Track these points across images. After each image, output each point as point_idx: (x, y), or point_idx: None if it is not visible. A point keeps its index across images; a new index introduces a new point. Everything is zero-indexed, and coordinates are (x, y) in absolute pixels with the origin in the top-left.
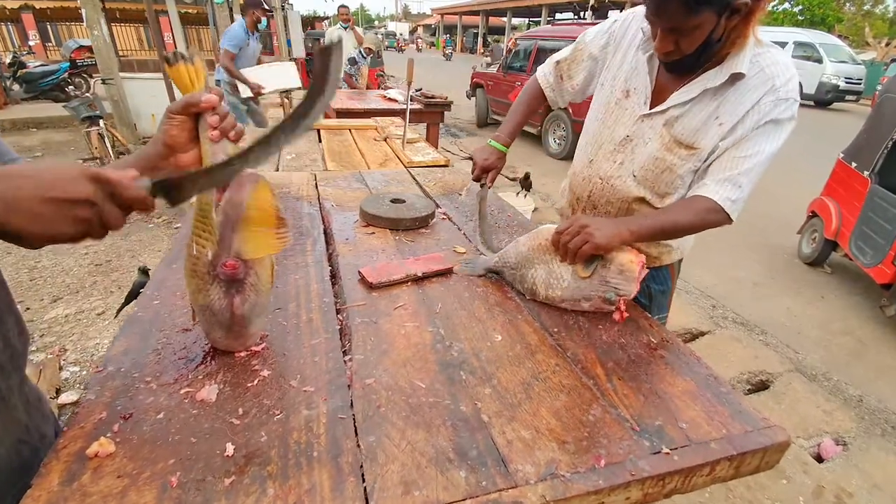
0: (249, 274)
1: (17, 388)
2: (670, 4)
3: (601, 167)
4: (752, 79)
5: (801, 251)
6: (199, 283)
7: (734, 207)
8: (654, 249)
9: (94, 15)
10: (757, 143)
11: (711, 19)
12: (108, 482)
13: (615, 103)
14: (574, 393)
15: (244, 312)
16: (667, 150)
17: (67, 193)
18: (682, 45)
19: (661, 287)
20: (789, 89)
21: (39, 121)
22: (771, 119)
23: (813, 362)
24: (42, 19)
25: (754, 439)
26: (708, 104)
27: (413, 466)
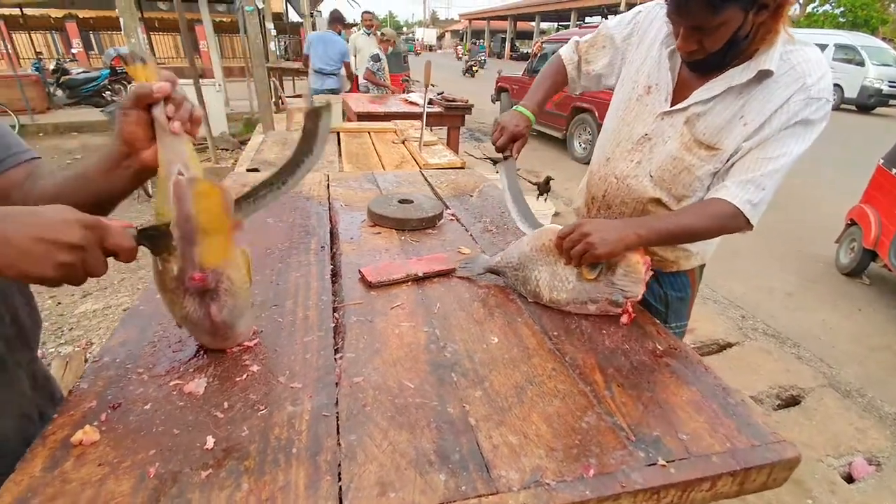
0: (221, 280)
1: (26, 365)
2: (693, 3)
3: (617, 166)
4: (782, 77)
5: (838, 261)
6: (172, 296)
7: (754, 212)
8: (670, 254)
9: (132, 24)
10: (784, 144)
11: (737, 16)
12: (88, 470)
13: (636, 100)
14: (569, 399)
15: (223, 318)
16: (686, 150)
17: (59, 236)
18: (706, 43)
19: (680, 294)
20: (821, 88)
21: (80, 125)
22: (801, 119)
23: (847, 378)
24: (85, 28)
25: (761, 454)
26: (732, 102)
27: (392, 467)
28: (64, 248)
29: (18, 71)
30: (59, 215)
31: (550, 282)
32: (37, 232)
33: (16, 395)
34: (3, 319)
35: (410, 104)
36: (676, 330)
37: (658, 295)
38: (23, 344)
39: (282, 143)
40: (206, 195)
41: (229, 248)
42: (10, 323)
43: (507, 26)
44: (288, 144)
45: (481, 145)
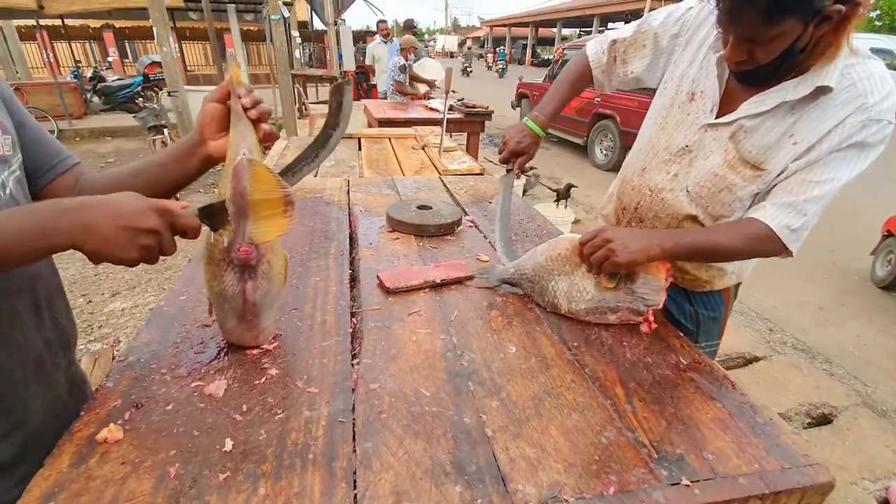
0: (262, 261)
1: (65, 368)
2: (747, 12)
3: (653, 178)
4: (840, 93)
5: (874, 274)
6: (215, 269)
7: (793, 237)
8: (704, 273)
9: (164, 33)
10: (834, 168)
11: (795, 28)
12: (112, 467)
13: (678, 107)
14: (588, 412)
15: (255, 299)
16: (729, 168)
17: (140, 223)
18: (757, 55)
19: (713, 313)
20: (884, 109)
21: (114, 130)
22: (855, 142)
23: (884, 396)
24: (121, 37)
25: (791, 478)
26: (783, 119)
27: (407, 477)
28: (143, 233)
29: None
30: (135, 203)
31: (569, 292)
32: (118, 220)
33: (52, 398)
34: (45, 323)
35: (431, 110)
36: (707, 349)
37: (689, 313)
38: (62, 347)
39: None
40: (262, 176)
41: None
42: (51, 327)
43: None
44: None
45: None
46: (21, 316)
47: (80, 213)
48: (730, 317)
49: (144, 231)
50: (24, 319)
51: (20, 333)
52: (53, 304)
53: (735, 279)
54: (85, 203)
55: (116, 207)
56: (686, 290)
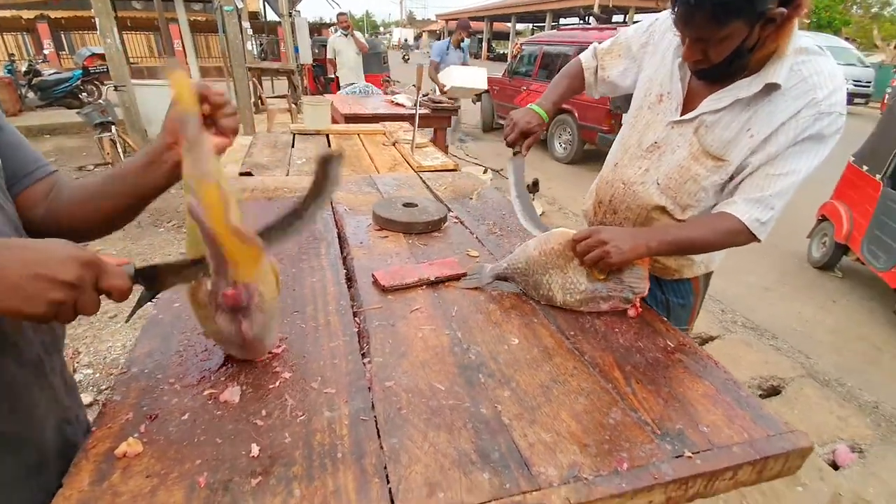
0: (253, 297)
1: (59, 371)
2: (697, 15)
3: (625, 172)
4: (792, 89)
5: (810, 255)
6: (204, 312)
7: (762, 229)
8: (672, 262)
9: (108, 23)
10: (794, 160)
11: (742, 30)
12: (137, 482)
13: (647, 108)
14: (593, 396)
15: (255, 334)
16: (694, 160)
17: (56, 273)
18: (710, 54)
19: (682, 301)
20: (833, 102)
21: (53, 127)
22: (811, 135)
23: (825, 367)
24: (56, 28)
25: (777, 444)
26: (740, 114)
27: (436, 468)
28: (58, 285)
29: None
30: (57, 252)
31: (563, 285)
32: (32, 268)
33: (54, 402)
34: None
35: (397, 105)
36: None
37: (660, 300)
38: (56, 349)
39: (272, 146)
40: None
41: (260, 261)
42: (46, 329)
43: (484, 27)
44: (278, 147)
45: (464, 146)
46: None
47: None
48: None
49: (59, 283)
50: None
51: (22, 337)
52: None
53: (703, 268)
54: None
55: (33, 252)
56: (657, 279)
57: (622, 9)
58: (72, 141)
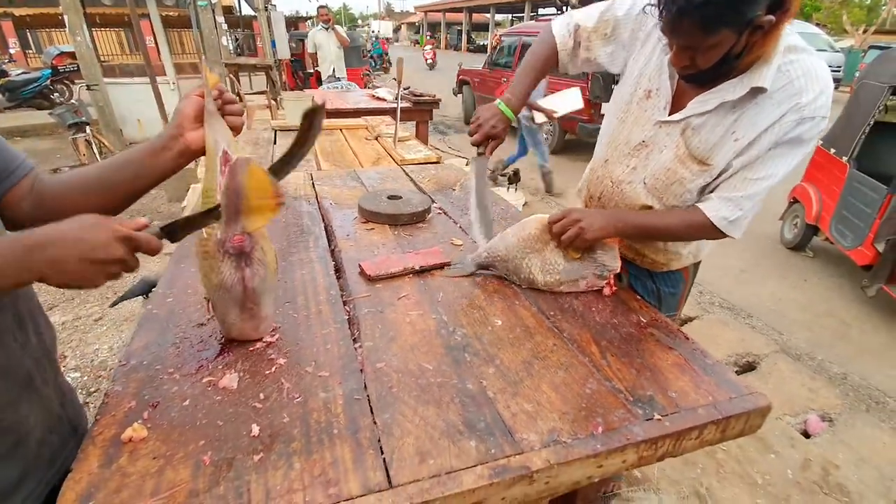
0: (256, 247)
1: (53, 381)
2: (685, 23)
3: (614, 170)
4: (778, 92)
5: (783, 237)
6: (212, 262)
7: (731, 227)
8: (661, 257)
9: (77, 20)
10: (771, 164)
11: (730, 37)
12: (144, 463)
13: (636, 103)
14: (571, 369)
15: (255, 286)
16: (679, 163)
17: (106, 256)
18: (698, 61)
19: (672, 290)
20: (817, 107)
21: (23, 129)
22: (790, 139)
23: (798, 343)
24: (22, 27)
25: (738, 405)
26: (725, 117)
27: (427, 438)
28: (110, 263)
29: None
30: (98, 235)
31: (542, 266)
32: (85, 254)
33: (46, 414)
34: (30, 340)
35: (378, 100)
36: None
37: (650, 290)
38: (49, 362)
39: (253, 144)
40: (256, 174)
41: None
42: (36, 343)
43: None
44: (259, 144)
45: (446, 138)
46: (5, 335)
47: (47, 250)
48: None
49: (111, 262)
50: (8, 339)
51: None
52: (36, 319)
53: (692, 259)
54: (49, 238)
55: (81, 242)
56: (649, 270)
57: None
58: (44, 143)
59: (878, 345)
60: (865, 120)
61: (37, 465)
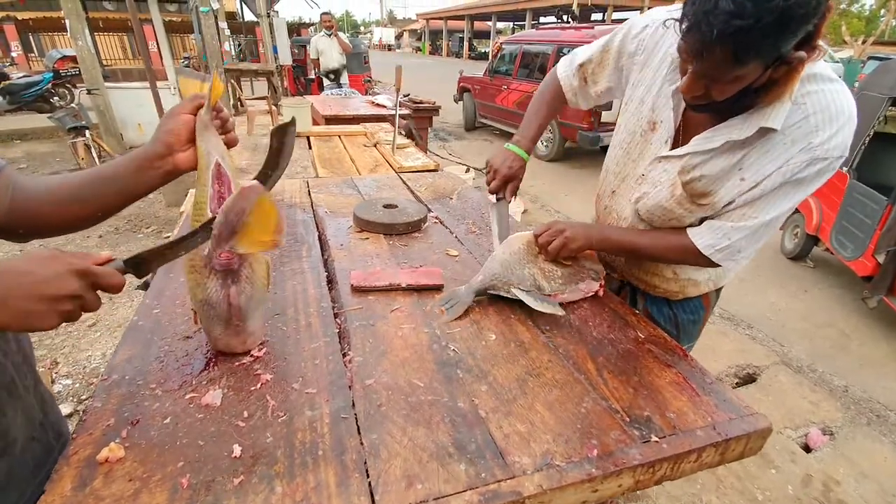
0: (244, 266)
1: (33, 388)
2: (715, 50)
3: (620, 203)
4: (791, 129)
5: (783, 246)
6: (198, 277)
7: (719, 255)
8: (672, 286)
9: (78, 25)
10: (772, 205)
11: (757, 71)
12: (119, 486)
13: (640, 135)
14: (567, 387)
15: (240, 303)
16: (676, 203)
17: (59, 291)
18: (713, 92)
19: (692, 317)
20: (829, 147)
21: (23, 132)
22: (797, 179)
23: (798, 354)
24: (24, 30)
25: (738, 426)
26: (733, 153)
27: (415, 461)
28: (63, 300)
29: None
30: (52, 268)
31: (543, 274)
32: (37, 290)
33: (28, 421)
34: (10, 345)
35: (378, 106)
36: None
37: (668, 316)
38: (29, 366)
39: (251, 150)
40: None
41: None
42: (16, 350)
43: (465, 26)
44: (257, 150)
45: (446, 145)
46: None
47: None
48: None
49: (64, 298)
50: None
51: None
52: None
53: (712, 286)
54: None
55: (29, 275)
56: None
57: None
58: (44, 146)
59: (879, 357)
60: (865, 131)
61: (20, 473)
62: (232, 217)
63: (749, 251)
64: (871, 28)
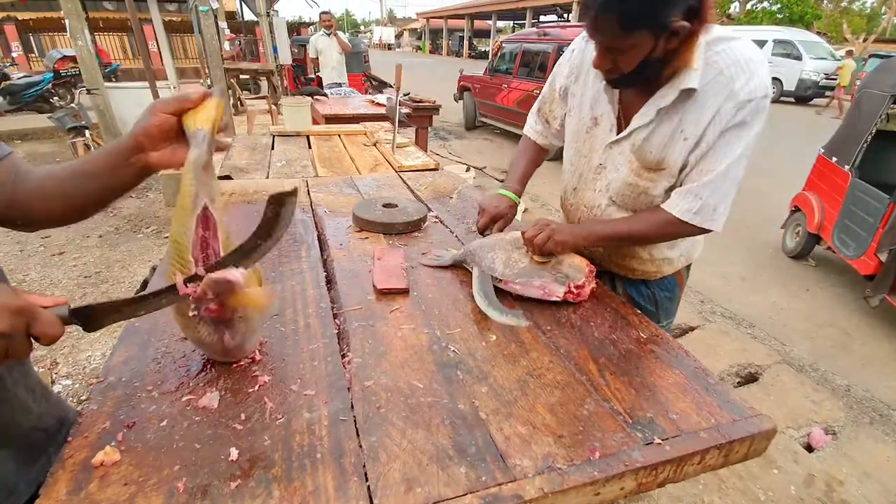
0: (237, 310)
1: (23, 381)
2: (605, 22)
3: (584, 196)
4: (712, 85)
5: (785, 245)
6: (186, 321)
7: (699, 218)
8: (649, 266)
9: (78, 24)
10: (721, 152)
11: (647, 40)
12: (115, 490)
13: (586, 132)
14: (568, 389)
15: (236, 343)
16: (636, 175)
17: None
18: (619, 63)
19: (668, 294)
20: (751, 89)
21: (24, 132)
22: (734, 125)
23: (800, 354)
24: (25, 30)
25: (742, 428)
26: (670, 120)
27: (414, 464)
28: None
29: None
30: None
31: (506, 261)
32: None
33: (21, 412)
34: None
35: (378, 105)
36: (665, 326)
37: (647, 296)
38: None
39: (251, 149)
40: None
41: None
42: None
43: (465, 25)
44: (257, 150)
45: (447, 144)
46: None
47: None
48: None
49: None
50: None
51: None
52: None
53: (683, 262)
54: None
55: None
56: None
57: None
58: (44, 146)
59: (882, 356)
60: (867, 129)
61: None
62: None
63: (723, 207)
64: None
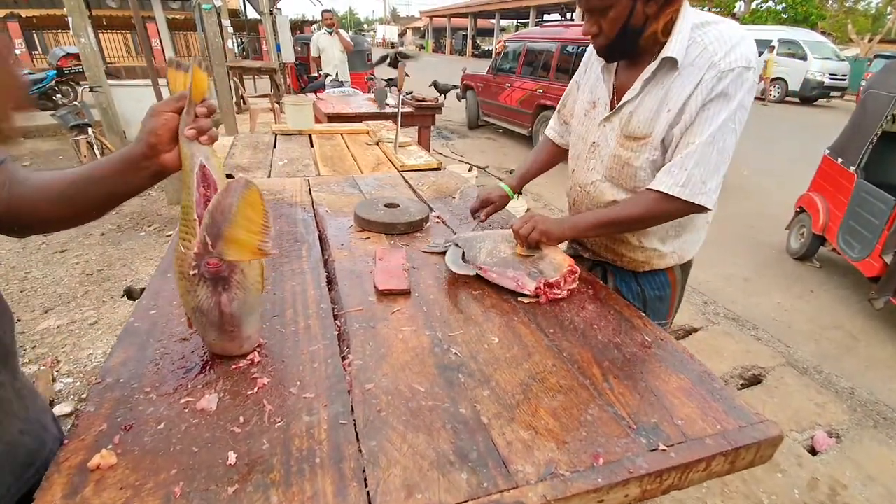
0: (235, 272)
1: (10, 383)
2: None
3: (579, 176)
4: (696, 60)
5: (789, 246)
6: (187, 284)
7: (688, 192)
8: (638, 254)
9: (81, 22)
10: (704, 123)
11: (626, 2)
12: (111, 494)
13: (584, 115)
14: (571, 393)
15: (233, 310)
16: (620, 146)
17: None
18: (603, 27)
19: (658, 293)
20: (731, 60)
21: (27, 130)
22: (716, 95)
23: (804, 356)
24: (28, 28)
25: (748, 434)
26: (656, 94)
27: (415, 469)
28: None
29: None
30: None
31: (490, 251)
32: None
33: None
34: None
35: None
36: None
37: (635, 292)
38: (3, 364)
39: (253, 147)
40: (253, 201)
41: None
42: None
43: (468, 24)
44: (259, 148)
45: (450, 143)
46: None
47: None
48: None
49: None
50: None
51: None
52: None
53: (677, 259)
54: None
55: None
56: (633, 272)
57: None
58: (47, 144)
59: (886, 359)
60: (873, 130)
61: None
62: (218, 216)
63: (713, 182)
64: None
